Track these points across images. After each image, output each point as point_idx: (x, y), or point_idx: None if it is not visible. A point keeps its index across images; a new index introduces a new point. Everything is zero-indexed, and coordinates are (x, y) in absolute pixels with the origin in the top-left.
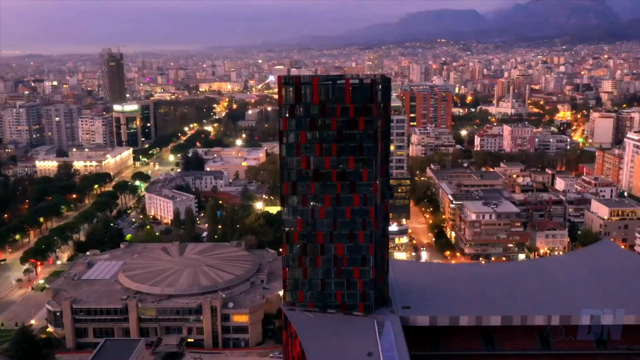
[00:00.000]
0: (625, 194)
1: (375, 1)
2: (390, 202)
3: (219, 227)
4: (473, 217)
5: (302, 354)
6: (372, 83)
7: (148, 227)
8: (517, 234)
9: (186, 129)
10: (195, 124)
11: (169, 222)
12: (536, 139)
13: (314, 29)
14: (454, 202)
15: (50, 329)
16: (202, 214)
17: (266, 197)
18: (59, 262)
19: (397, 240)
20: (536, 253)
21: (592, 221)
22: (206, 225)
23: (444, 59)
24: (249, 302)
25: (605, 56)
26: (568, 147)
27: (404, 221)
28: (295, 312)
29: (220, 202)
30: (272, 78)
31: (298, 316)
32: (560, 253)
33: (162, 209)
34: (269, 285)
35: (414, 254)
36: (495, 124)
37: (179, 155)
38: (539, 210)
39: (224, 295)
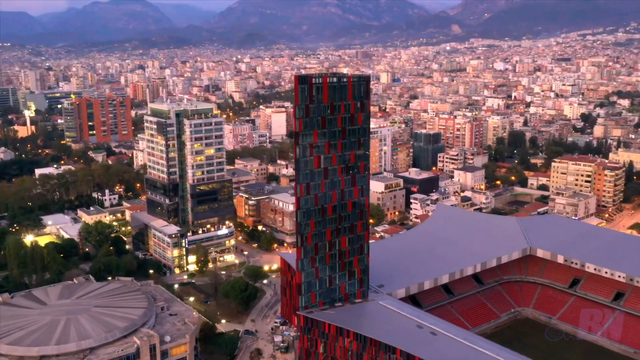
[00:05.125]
0: None
1: None
2: (215, 206)
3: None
4: (291, 207)
5: (356, 349)
6: (368, 79)
7: None
8: None
9: None
10: None
11: None
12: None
13: None
14: (252, 198)
15: None
16: None
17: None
18: None
19: (227, 243)
20: None
21: None
22: None
23: (44, 64)
24: (178, 332)
25: (198, 58)
26: (269, 139)
27: (228, 223)
28: (317, 314)
29: None
30: None
31: (326, 316)
32: None
33: None
34: (175, 310)
35: (245, 253)
36: None
37: None
38: None
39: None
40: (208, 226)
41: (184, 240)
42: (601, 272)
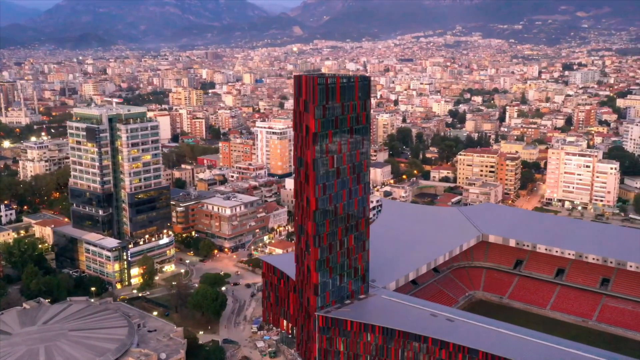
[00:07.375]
0: (265, 172)
1: None
2: (154, 214)
3: None
4: (229, 212)
5: (381, 343)
6: (369, 80)
7: None
8: (262, 218)
9: None
10: None
11: None
12: None
13: None
14: (181, 205)
15: None
16: None
17: None
18: None
19: (168, 253)
20: (274, 232)
21: (288, 196)
22: None
23: None
24: (167, 348)
25: (32, 60)
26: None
27: (167, 231)
28: (336, 312)
29: None
30: None
31: (346, 314)
32: (287, 227)
33: None
34: (152, 326)
35: (188, 262)
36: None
37: None
38: None
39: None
40: (147, 236)
41: (125, 253)
42: (552, 252)
